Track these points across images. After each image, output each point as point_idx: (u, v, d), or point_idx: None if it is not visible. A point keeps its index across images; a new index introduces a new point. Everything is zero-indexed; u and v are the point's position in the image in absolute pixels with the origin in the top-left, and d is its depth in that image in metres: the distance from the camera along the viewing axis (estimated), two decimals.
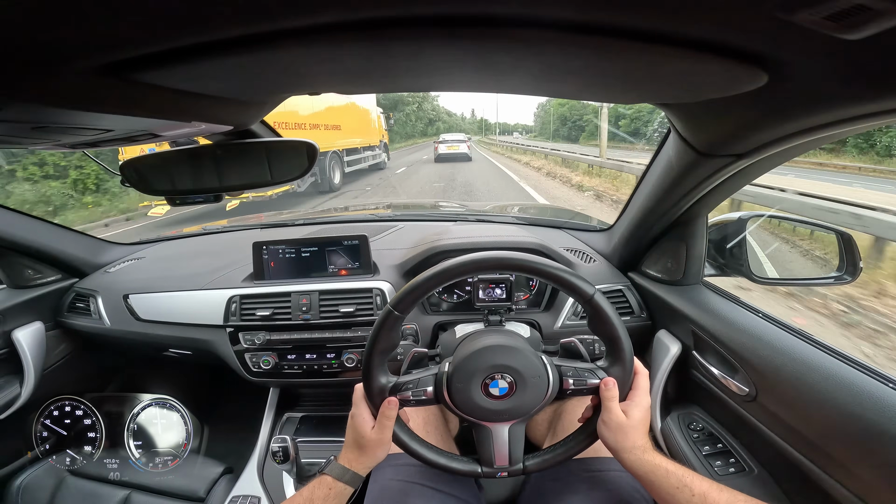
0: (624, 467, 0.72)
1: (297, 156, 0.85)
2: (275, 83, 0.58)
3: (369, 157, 13.36)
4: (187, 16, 0.34)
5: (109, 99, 0.48)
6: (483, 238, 1.36)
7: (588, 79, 0.50)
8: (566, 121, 65.15)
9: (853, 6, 0.28)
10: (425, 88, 0.60)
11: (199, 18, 0.35)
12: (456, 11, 0.35)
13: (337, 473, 0.73)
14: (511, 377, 0.73)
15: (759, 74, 0.43)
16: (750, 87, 0.47)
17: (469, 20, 0.37)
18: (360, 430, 0.74)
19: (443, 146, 19.18)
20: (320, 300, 1.25)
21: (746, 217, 1.04)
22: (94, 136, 0.64)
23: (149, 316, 1.32)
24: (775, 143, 0.61)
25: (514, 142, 38.89)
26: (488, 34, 0.38)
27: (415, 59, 0.47)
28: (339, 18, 0.36)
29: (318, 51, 0.43)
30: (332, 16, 0.36)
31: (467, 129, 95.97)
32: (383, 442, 0.75)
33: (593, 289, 0.72)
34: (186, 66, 0.43)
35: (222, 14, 0.35)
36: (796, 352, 0.79)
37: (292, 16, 0.35)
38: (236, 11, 0.34)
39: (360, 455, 0.75)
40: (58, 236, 1.46)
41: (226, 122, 0.69)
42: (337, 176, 10.11)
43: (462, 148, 19.14)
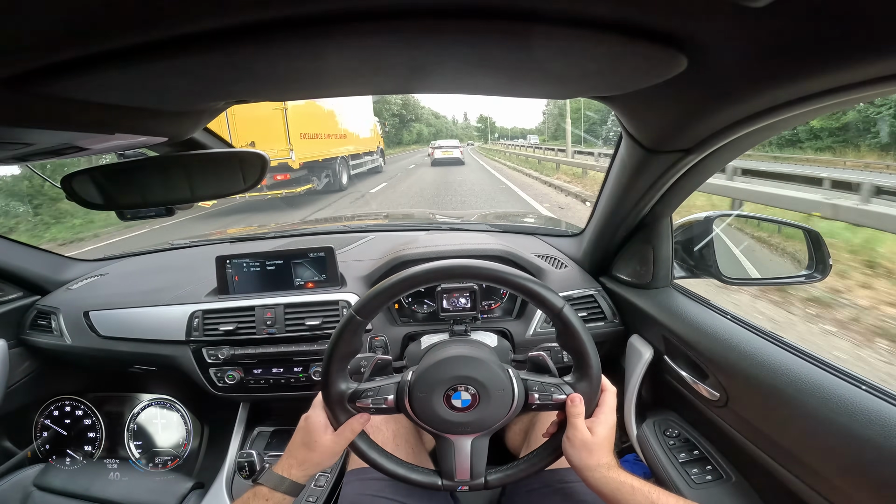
0: (588, 486, 0.70)
1: (249, 167, 0.82)
2: (194, 92, 0.55)
3: (369, 161, 15.23)
4: (84, 23, 0.32)
5: (18, 113, 0.46)
6: (450, 246, 1.34)
7: (509, 72, 0.48)
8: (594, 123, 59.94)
9: None
10: (352, 92, 0.58)
11: (95, 25, 0.33)
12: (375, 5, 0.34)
13: (273, 483, 0.70)
14: (474, 389, 0.71)
15: (678, 58, 0.42)
16: (671, 72, 0.45)
17: (382, 14, 0.35)
18: (313, 434, 0.72)
19: (438, 151, 21.25)
20: (285, 313, 1.22)
21: (713, 217, 1.02)
22: (15, 151, 0.61)
23: (110, 332, 1.29)
24: (718, 136, 0.60)
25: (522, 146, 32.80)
26: (403, 27, 0.37)
27: (316, 61, 0.45)
28: (248, 19, 0.34)
29: (233, 55, 0.41)
30: (240, 17, 0.34)
31: (459, 135, 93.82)
32: (335, 451, 0.73)
33: (563, 302, 0.70)
34: (93, 77, 0.41)
35: (121, 20, 0.33)
36: (765, 355, 0.77)
37: (195, 19, 0.34)
38: (135, 17, 0.32)
39: (303, 460, 0.72)
40: (18, 254, 1.44)
41: (156, 133, 0.67)
42: (344, 177, 11.69)
43: (455, 153, 21.11)
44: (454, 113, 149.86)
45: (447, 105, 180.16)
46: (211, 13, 0.33)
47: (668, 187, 0.86)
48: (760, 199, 5.50)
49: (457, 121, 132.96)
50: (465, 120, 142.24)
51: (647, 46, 0.39)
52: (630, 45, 0.39)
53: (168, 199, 0.83)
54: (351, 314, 0.72)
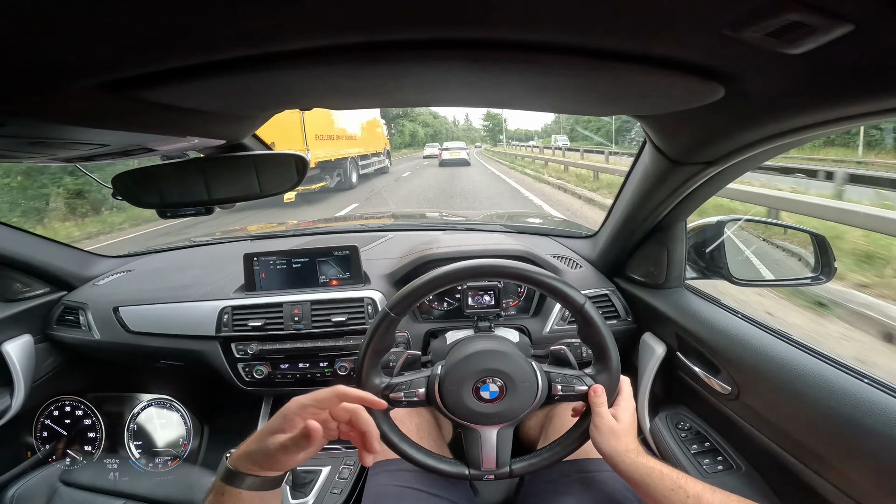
0: (617, 472, 0.72)
1: (287, 169, 0.87)
2: (266, 100, 0.60)
3: (376, 162, 15.96)
4: (185, 38, 0.36)
5: (108, 115, 0.50)
6: (472, 246, 1.38)
7: (566, 94, 0.54)
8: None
9: (791, 23, 0.31)
10: (410, 104, 0.63)
11: (197, 41, 0.37)
12: (438, 36, 0.38)
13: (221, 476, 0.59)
14: (502, 381, 0.75)
15: (716, 88, 0.47)
16: (709, 99, 0.50)
17: (452, 43, 0.39)
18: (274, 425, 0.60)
19: (446, 152, 23.32)
20: (312, 310, 1.26)
21: (725, 221, 1.07)
22: (90, 151, 0.65)
23: (139, 328, 1.32)
24: (741, 151, 0.65)
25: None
26: (472, 56, 0.41)
27: (400, 78, 0.50)
28: (328, 42, 0.39)
29: (308, 71, 0.45)
30: (321, 40, 0.38)
31: (461, 137, 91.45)
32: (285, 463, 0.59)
33: (584, 299, 0.75)
34: (183, 85, 0.45)
35: (220, 37, 0.37)
36: (774, 351, 0.82)
37: (284, 40, 0.38)
38: (233, 35, 0.36)
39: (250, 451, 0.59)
40: (45, 250, 1.46)
41: (219, 136, 0.71)
42: (354, 176, 12.48)
43: (462, 154, 22.85)
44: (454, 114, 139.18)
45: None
46: (303, 35, 0.37)
47: (687, 194, 0.92)
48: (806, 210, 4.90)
49: (458, 122, 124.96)
50: (467, 122, 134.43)
51: (690, 78, 0.44)
52: (674, 77, 0.44)
53: (212, 198, 0.87)
54: (386, 311, 0.75)
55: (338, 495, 1.14)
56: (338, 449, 1.30)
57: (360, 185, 13.07)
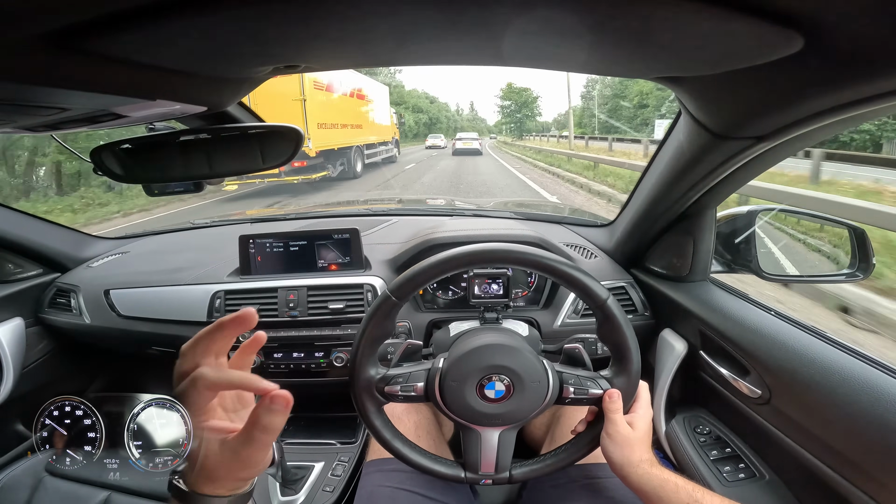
0: (627, 483, 0.67)
1: (280, 141, 0.80)
2: (243, 56, 0.52)
3: (383, 151, 15.73)
4: None
5: (58, 71, 0.43)
6: (480, 231, 1.31)
7: (592, 46, 0.44)
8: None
9: None
10: (409, 61, 0.54)
11: None
12: None
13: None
14: (509, 379, 0.69)
15: (794, 39, 0.38)
16: (781, 53, 0.41)
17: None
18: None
19: (459, 142, 25.02)
20: (308, 296, 1.20)
21: (756, 211, 0.99)
22: (50, 116, 0.59)
23: (130, 312, 1.27)
24: (802, 123, 0.55)
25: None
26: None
27: (397, 25, 0.41)
28: None
29: (286, 14, 0.38)
30: None
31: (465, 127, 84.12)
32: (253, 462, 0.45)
33: (607, 293, 0.68)
34: (138, 34, 0.39)
35: None
36: (813, 352, 0.75)
37: None
38: None
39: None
40: (39, 230, 1.42)
41: (197, 101, 0.64)
42: (359, 165, 12.20)
43: (474, 144, 24.49)
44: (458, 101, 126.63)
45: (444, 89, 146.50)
46: None
47: (723, 177, 0.83)
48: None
49: (461, 110, 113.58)
50: (472, 111, 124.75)
51: (763, 25, 0.36)
52: (743, 22, 0.35)
53: (199, 173, 0.81)
54: (386, 294, 0.69)
55: (330, 493, 1.09)
56: (332, 444, 1.26)
57: (366, 174, 12.83)
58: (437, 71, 30.77)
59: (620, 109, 45.91)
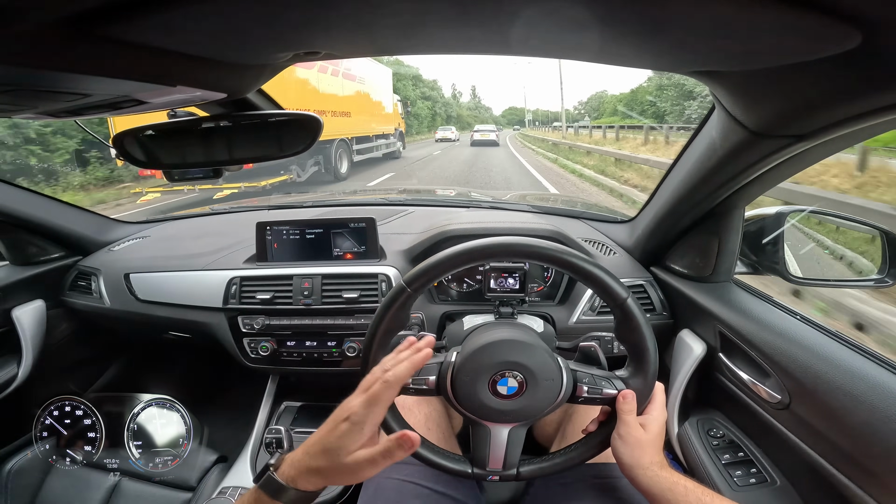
0: (636, 485, 0.67)
1: (298, 129, 0.80)
2: (262, 41, 0.51)
3: (382, 145, 12.94)
4: None
5: (78, 57, 0.43)
6: (496, 224, 1.29)
7: (634, 35, 0.42)
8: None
9: None
10: (433, 49, 0.52)
11: None
12: None
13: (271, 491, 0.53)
14: (522, 376, 0.68)
15: (850, 35, 0.35)
16: (836, 49, 0.38)
17: None
18: (345, 439, 0.53)
19: (477, 134, 25.90)
20: (323, 284, 1.20)
21: (785, 213, 0.95)
22: (72, 102, 0.59)
23: (148, 296, 1.29)
24: (847, 123, 0.52)
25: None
26: None
27: (423, 13, 0.40)
28: None
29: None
30: None
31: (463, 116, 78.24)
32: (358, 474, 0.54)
33: (627, 292, 0.67)
34: (160, 20, 0.38)
35: None
36: (838, 358, 0.72)
37: None
38: None
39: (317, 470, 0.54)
40: (63, 213, 1.44)
41: (217, 88, 0.63)
42: (344, 165, 9.75)
43: (491, 136, 25.24)
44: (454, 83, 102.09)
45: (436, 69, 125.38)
46: None
47: (755, 176, 0.80)
48: None
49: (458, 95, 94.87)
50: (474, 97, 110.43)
51: (820, 18, 0.33)
52: (799, 15, 0.33)
53: (219, 159, 0.82)
54: (402, 285, 0.69)
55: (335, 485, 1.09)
56: None
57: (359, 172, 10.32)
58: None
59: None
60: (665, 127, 18.12)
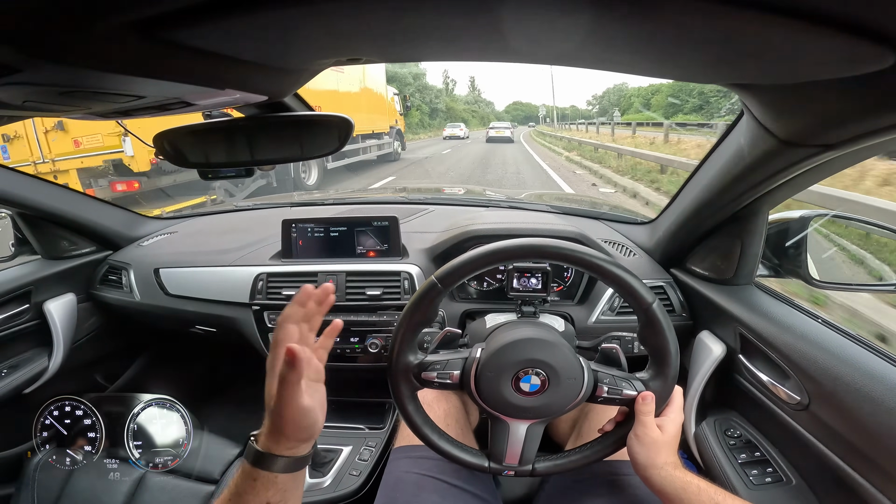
0: (649, 484, 0.68)
1: (329, 131, 0.82)
2: (312, 47, 0.53)
3: (373, 146, 10.67)
4: None
5: (140, 61, 0.45)
6: (519, 224, 1.30)
7: (663, 51, 0.44)
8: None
9: None
10: (478, 57, 0.54)
11: None
12: None
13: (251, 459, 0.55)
14: (545, 374, 0.70)
15: (884, 55, 0.36)
16: (869, 68, 0.39)
17: None
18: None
19: (492, 131, 27.05)
20: (347, 281, 1.23)
21: (810, 216, 0.96)
22: (125, 104, 0.61)
23: (177, 291, 1.32)
24: (877, 133, 0.53)
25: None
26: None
27: (470, 24, 0.42)
28: None
29: (360, 8, 0.38)
30: None
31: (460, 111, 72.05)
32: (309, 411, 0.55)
33: (653, 297, 0.69)
34: (221, 25, 0.40)
35: None
36: (858, 361, 0.73)
37: None
38: None
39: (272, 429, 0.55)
40: (95, 209, 1.48)
41: (260, 91, 0.66)
42: (313, 175, 7.96)
43: (506, 133, 26.51)
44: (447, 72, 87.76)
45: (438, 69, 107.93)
46: None
47: (782, 182, 0.80)
48: None
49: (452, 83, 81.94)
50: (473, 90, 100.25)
51: (855, 40, 0.34)
52: (834, 36, 0.34)
53: (254, 159, 0.85)
54: (433, 281, 0.71)
55: (356, 477, 1.11)
56: (361, 429, 1.28)
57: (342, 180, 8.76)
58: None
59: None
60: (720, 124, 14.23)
